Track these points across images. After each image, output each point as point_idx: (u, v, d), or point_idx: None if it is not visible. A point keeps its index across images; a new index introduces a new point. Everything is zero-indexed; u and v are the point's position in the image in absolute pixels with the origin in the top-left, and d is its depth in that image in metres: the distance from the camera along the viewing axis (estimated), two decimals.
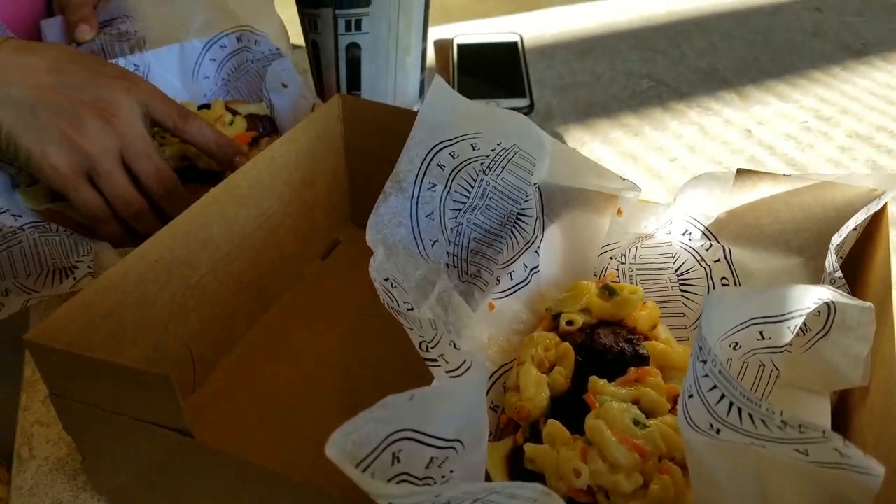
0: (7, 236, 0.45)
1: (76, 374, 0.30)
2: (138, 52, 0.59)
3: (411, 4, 0.53)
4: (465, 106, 0.41)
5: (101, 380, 0.29)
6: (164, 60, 0.60)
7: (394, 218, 0.38)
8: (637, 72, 0.74)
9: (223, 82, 0.62)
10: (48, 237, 0.46)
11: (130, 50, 0.60)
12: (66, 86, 0.45)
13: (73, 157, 0.44)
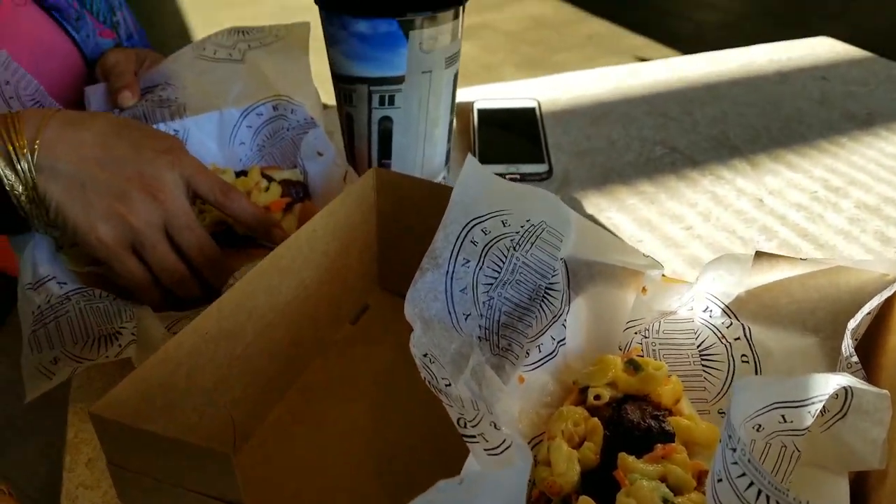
0: (55, 307, 0.47)
1: (137, 446, 0.32)
2: (178, 118, 0.62)
3: (441, 83, 0.56)
4: (495, 184, 0.43)
5: (162, 453, 0.31)
6: (203, 127, 0.63)
7: (430, 293, 0.40)
8: (651, 138, 0.77)
9: (258, 148, 0.65)
10: (93, 304, 0.48)
11: (171, 116, 0.63)
12: (112, 161, 0.47)
13: (120, 230, 0.46)
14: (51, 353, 0.46)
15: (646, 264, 0.42)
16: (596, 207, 0.65)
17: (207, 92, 0.64)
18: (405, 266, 0.54)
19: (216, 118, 0.63)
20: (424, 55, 0.54)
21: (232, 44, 0.65)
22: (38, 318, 0.47)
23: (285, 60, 0.65)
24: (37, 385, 0.44)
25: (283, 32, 0.66)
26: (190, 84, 0.64)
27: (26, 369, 0.45)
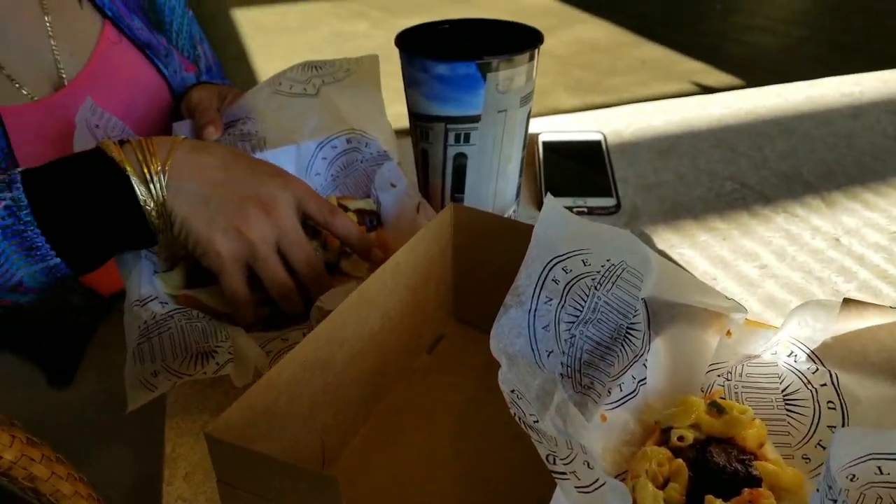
0: (159, 323, 0.50)
1: (246, 466, 0.34)
2: (259, 151, 0.65)
3: (515, 121, 0.58)
4: (575, 223, 0.44)
5: (270, 474, 0.33)
6: (281, 159, 0.66)
7: (513, 329, 0.41)
8: (720, 173, 0.77)
9: (332, 178, 0.68)
10: (192, 323, 0.51)
11: (252, 149, 0.66)
12: (232, 181, 0.51)
13: (236, 243, 0.50)
14: (152, 365, 0.49)
15: (728, 307, 0.43)
16: (667, 243, 0.66)
17: (285, 126, 0.67)
18: (479, 298, 0.56)
19: (293, 151, 0.66)
20: (501, 95, 0.55)
21: (306, 79, 0.68)
22: (143, 332, 0.50)
23: (358, 95, 0.67)
24: (138, 395, 0.47)
25: (354, 66, 0.68)
26: (269, 118, 0.67)
27: (129, 379, 0.48)
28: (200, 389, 0.52)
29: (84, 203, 0.48)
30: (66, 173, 0.49)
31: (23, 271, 0.49)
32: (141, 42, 0.75)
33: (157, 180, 0.49)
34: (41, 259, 0.48)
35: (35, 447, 0.59)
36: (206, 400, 0.51)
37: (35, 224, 0.47)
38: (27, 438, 0.59)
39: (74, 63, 0.71)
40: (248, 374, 0.48)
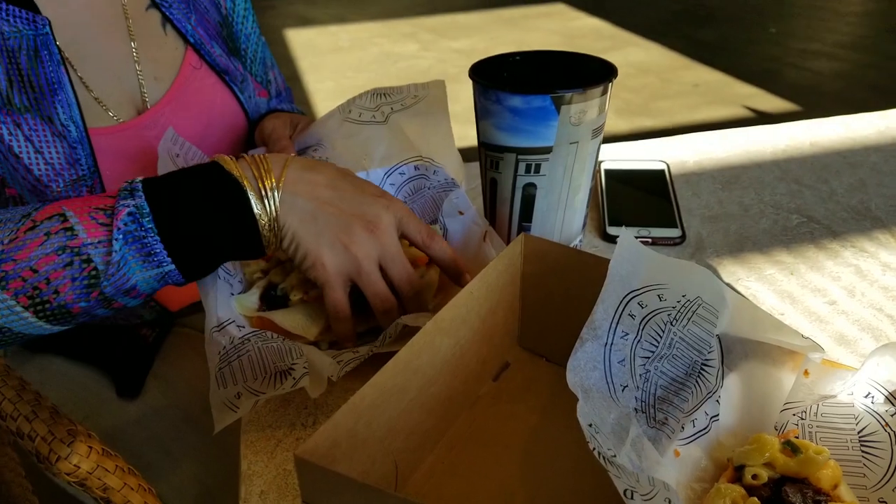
0: (237, 347, 0.53)
1: (332, 488, 0.35)
2: None
3: (586, 153, 0.58)
4: (650, 258, 0.45)
5: (352, 496, 0.34)
6: None
7: (589, 362, 0.42)
8: (785, 206, 0.77)
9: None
10: (268, 344, 0.54)
11: None
12: (340, 199, 0.54)
13: (342, 258, 0.52)
14: (234, 388, 0.51)
15: (805, 346, 0.43)
16: (733, 276, 0.65)
17: (355, 152, 0.69)
18: (544, 326, 0.56)
19: (363, 177, 0.68)
20: (573, 128, 0.56)
21: (375, 106, 0.70)
22: (223, 357, 0.53)
23: (426, 122, 0.69)
24: (224, 417, 0.49)
25: (421, 92, 0.70)
26: (339, 145, 0.69)
27: (214, 404, 0.51)
28: (274, 408, 0.54)
29: (202, 214, 0.51)
30: (185, 185, 0.52)
31: (138, 276, 0.51)
32: (220, 68, 0.78)
33: (271, 196, 0.51)
34: (157, 265, 0.51)
35: (109, 458, 0.62)
36: (280, 418, 0.53)
37: (155, 231, 0.50)
38: (102, 450, 0.61)
39: (157, 87, 0.74)
40: (323, 384, 0.50)
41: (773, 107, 3.16)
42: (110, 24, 0.73)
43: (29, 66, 0.64)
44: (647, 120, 2.98)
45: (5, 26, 0.64)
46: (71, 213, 0.50)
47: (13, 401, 0.67)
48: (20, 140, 0.64)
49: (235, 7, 0.84)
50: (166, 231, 0.50)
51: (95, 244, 0.50)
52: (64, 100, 0.65)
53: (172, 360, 0.82)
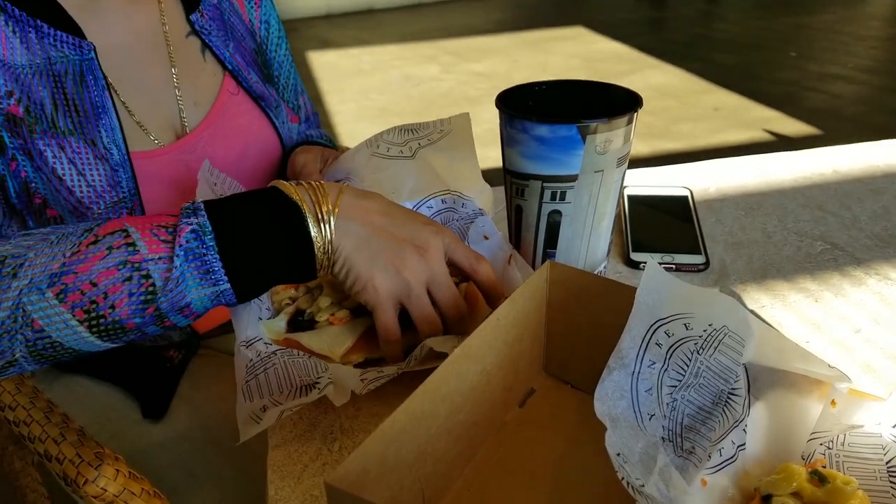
0: (264, 360, 0.55)
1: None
2: None
3: (611, 180, 0.59)
4: (676, 287, 0.45)
5: None
6: None
7: (616, 391, 0.42)
8: (809, 232, 0.77)
9: None
10: (294, 360, 0.55)
11: None
12: (392, 225, 0.55)
13: (393, 281, 0.54)
14: (260, 401, 0.52)
15: (831, 375, 0.43)
16: (757, 303, 0.66)
17: (384, 187, 0.70)
18: (569, 354, 0.57)
19: None
20: (599, 156, 0.57)
21: (403, 141, 0.72)
22: (250, 369, 0.54)
23: (453, 156, 0.70)
24: (248, 430, 0.51)
25: (447, 127, 0.71)
26: (368, 179, 0.71)
27: (240, 416, 0.52)
28: (300, 433, 0.54)
29: (262, 235, 0.52)
30: (247, 207, 0.53)
31: (194, 293, 0.51)
32: (256, 94, 0.80)
33: (327, 219, 0.53)
34: (213, 283, 0.51)
35: (136, 481, 0.63)
36: (306, 443, 0.53)
37: (216, 249, 0.50)
38: (129, 472, 0.62)
39: (196, 112, 0.76)
40: (346, 395, 0.51)
41: (793, 130, 3.16)
42: (152, 51, 0.75)
43: (75, 90, 0.66)
44: (668, 143, 2.99)
45: (53, 51, 0.66)
46: (133, 229, 0.51)
47: (41, 423, 0.69)
48: (63, 162, 0.66)
49: (270, 35, 0.87)
50: (226, 250, 0.51)
51: (156, 260, 0.50)
52: (107, 123, 0.67)
53: (198, 383, 0.83)
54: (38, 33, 0.66)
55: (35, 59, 0.65)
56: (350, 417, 0.56)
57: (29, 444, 0.70)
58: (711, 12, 5.42)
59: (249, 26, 0.84)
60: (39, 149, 0.65)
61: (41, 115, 0.65)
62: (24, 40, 0.65)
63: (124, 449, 0.76)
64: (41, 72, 0.65)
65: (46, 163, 0.65)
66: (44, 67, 0.66)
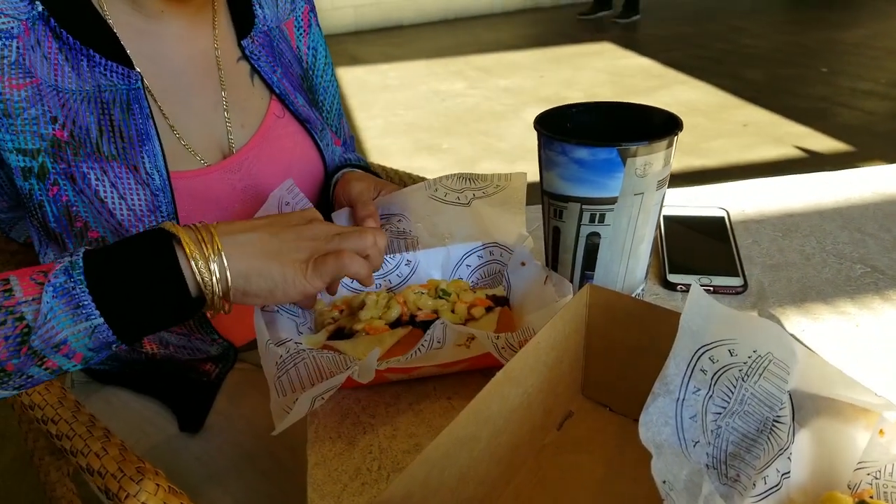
0: (293, 356, 0.57)
1: None
2: (412, 250, 0.71)
3: (651, 203, 0.59)
4: (720, 312, 0.45)
5: None
6: (431, 259, 0.72)
7: (661, 417, 0.42)
8: (848, 255, 0.76)
9: (474, 284, 0.72)
10: (323, 355, 0.57)
11: (406, 248, 0.71)
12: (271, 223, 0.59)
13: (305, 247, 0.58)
14: (293, 395, 0.54)
15: (878, 404, 0.42)
16: (797, 327, 0.65)
17: (439, 230, 0.72)
18: (608, 376, 0.57)
19: (443, 254, 0.71)
20: (639, 179, 0.57)
21: (460, 188, 0.74)
22: (280, 365, 0.57)
23: (504, 211, 0.71)
24: (282, 421, 0.53)
25: (503, 183, 0.73)
26: (424, 220, 0.73)
27: (275, 411, 0.54)
28: (339, 452, 0.55)
29: (133, 265, 0.53)
30: (123, 244, 0.55)
31: (68, 330, 0.52)
32: (302, 117, 0.82)
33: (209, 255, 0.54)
34: (86, 317, 0.51)
35: (175, 496, 0.63)
36: (345, 462, 0.54)
37: (84, 283, 0.51)
38: (169, 487, 0.63)
39: (243, 134, 0.78)
40: (371, 373, 0.54)
41: (825, 147, 3.11)
42: (204, 75, 0.77)
43: (121, 117, 0.68)
44: (698, 160, 2.97)
45: (103, 80, 0.68)
46: (15, 277, 0.52)
47: (83, 437, 0.70)
48: (106, 186, 0.67)
49: (317, 62, 0.88)
50: (94, 283, 0.51)
51: (29, 301, 0.51)
52: (150, 150, 0.69)
53: (234, 397, 0.84)
54: (89, 62, 0.68)
55: (85, 86, 0.67)
56: (388, 437, 0.56)
57: (70, 458, 0.72)
58: (740, 28, 5.39)
59: (297, 52, 0.86)
60: (83, 171, 0.67)
61: (86, 140, 0.67)
62: (75, 67, 0.67)
63: (160, 461, 0.77)
64: (90, 98, 0.68)
65: (90, 185, 0.67)
66: (93, 94, 0.68)
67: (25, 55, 0.65)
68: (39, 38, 0.66)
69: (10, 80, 0.64)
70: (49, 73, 0.66)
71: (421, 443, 0.55)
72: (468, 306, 0.64)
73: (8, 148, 0.65)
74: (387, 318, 0.64)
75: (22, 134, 0.65)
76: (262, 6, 0.82)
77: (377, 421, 0.58)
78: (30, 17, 0.66)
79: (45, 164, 0.66)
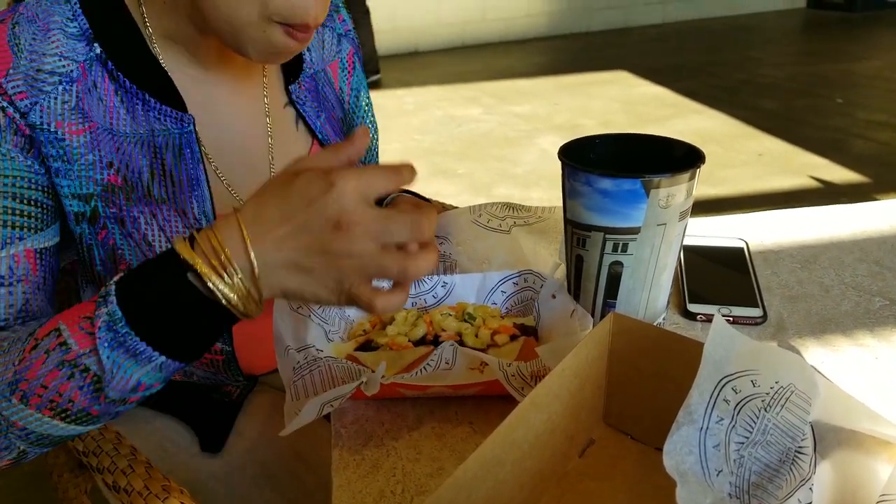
0: (310, 363, 0.59)
1: None
2: (450, 273, 0.73)
3: (673, 234, 0.60)
4: (742, 343, 0.46)
5: None
6: (467, 283, 0.73)
7: (685, 446, 0.43)
8: (867, 288, 0.77)
9: (506, 311, 0.73)
10: (339, 364, 0.59)
11: (444, 270, 0.73)
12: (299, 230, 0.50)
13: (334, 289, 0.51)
14: (305, 400, 0.56)
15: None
16: (817, 359, 0.65)
17: (478, 255, 0.75)
18: (630, 404, 0.57)
19: (479, 279, 0.73)
20: (662, 210, 0.58)
21: (503, 216, 0.76)
22: (297, 370, 0.59)
23: (540, 241, 0.74)
24: (291, 424, 0.54)
25: (546, 215, 0.75)
26: (463, 244, 0.75)
27: (287, 412, 0.56)
28: (363, 475, 0.56)
29: (171, 307, 0.51)
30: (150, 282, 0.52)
31: (138, 374, 0.53)
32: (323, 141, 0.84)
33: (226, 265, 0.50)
34: (148, 360, 0.52)
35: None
36: (369, 484, 0.55)
37: (133, 333, 0.51)
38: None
39: None
40: (376, 385, 0.55)
41: (840, 178, 3.12)
42: (252, 123, 0.79)
43: (173, 162, 0.70)
44: (713, 188, 2.97)
45: (157, 124, 0.69)
46: (64, 326, 0.53)
47: (110, 454, 0.71)
48: (154, 229, 0.69)
49: (359, 104, 0.91)
50: (143, 330, 0.51)
51: (88, 353, 0.52)
52: (200, 195, 0.70)
53: (256, 418, 0.85)
54: (144, 105, 0.69)
55: (139, 129, 0.69)
56: (412, 460, 0.57)
57: (96, 475, 0.73)
58: (756, 58, 5.42)
59: (339, 94, 0.88)
60: (133, 215, 0.68)
61: (137, 183, 0.68)
62: (130, 110, 0.68)
63: (182, 480, 0.78)
64: (143, 142, 0.69)
65: (138, 229, 0.68)
66: (146, 138, 0.69)
67: (84, 99, 0.66)
68: (96, 81, 0.67)
69: (70, 125, 0.65)
70: (105, 115, 0.67)
71: (444, 466, 0.56)
72: (492, 332, 0.65)
73: (65, 193, 0.66)
74: (412, 335, 0.65)
75: (78, 179, 0.66)
76: (310, 49, 0.84)
77: (400, 444, 0.58)
78: (87, 59, 0.67)
79: (97, 208, 0.67)
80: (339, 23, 0.89)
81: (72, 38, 0.67)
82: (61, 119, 0.65)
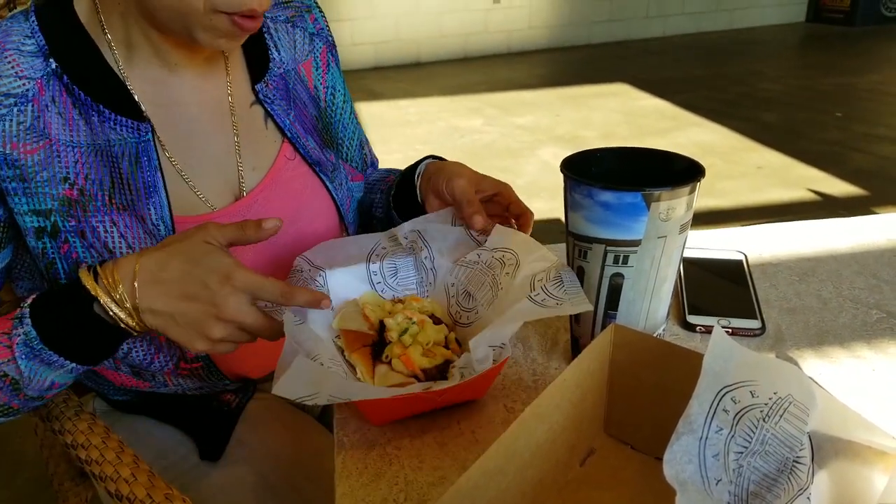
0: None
1: None
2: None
3: (674, 246, 0.61)
4: (742, 355, 0.47)
5: None
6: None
7: (684, 455, 0.44)
8: (864, 301, 0.77)
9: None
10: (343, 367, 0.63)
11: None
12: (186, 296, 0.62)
13: (204, 336, 0.63)
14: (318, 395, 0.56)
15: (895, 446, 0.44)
16: (814, 370, 0.66)
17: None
18: (630, 415, 0.58)
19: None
20: (662, 223, 0.59)
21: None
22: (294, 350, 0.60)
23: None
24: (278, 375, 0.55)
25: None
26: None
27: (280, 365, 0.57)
28: (366, 483, 0.56)
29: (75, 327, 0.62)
30: (59, 306, 0.63)
31: (52, 376, 0.64)
32: (312, 160, 0.84)
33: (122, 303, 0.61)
34: (60, 366, 0.64)
35: None
36: (372, 493, 0.55)
37: (47, 349, 0.62)
38: None
39: (254, 177, 0.80)
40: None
41: (838, 191, 3.13)
42: (217, 120, 0.79)
43: (129, 171, 0.71)
44: (712, 200, 2.99)
45: (113, 134, 0.71)
46: None
47: (113, 462, 0.72)
48: (115, 237, 0.70)
49: (335, 101, 0.91)
50: (55, 345, 0.62)
51: (7, 362, 0.63)
52: (157, 202, 0.71)
53: (254, 427, 0.86)
54: (100, 117, 0.70)
55: (97, 140, 0.70)
56: (414, 469, 0.57)
57: (98, 483, 0.73)
58: (756, 71, 5.45)
59: (314, 93, 0.88)
60: (93, 225, 0.69)
61: (97, 193, 0.70)
62: (88, 122, 0.70)
63: (182, 490, 0.78)
64: (101, 152, 0.70)
65: (99, 238, 0.70)
66: (104, 148, 0.70)
67: (41, 116, 0.68)
68: (54, 96, 0.69)
69: (24, 145, 0.67)
70: (64, 128, 0.69)
71: (446, 475, 0.56)
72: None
73: (24, 210, 0.68)
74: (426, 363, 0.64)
75: (36, 196, 0.68)
76: (279, 49, 0.84)
77: (403, 453, 0.59)
78: (45, 75, 0.68)
79: (56, 222, 0.69)
80: (311, 23, 0.88)
81: (28, 55, 0.68)
82: (17, 140, 0.67)
